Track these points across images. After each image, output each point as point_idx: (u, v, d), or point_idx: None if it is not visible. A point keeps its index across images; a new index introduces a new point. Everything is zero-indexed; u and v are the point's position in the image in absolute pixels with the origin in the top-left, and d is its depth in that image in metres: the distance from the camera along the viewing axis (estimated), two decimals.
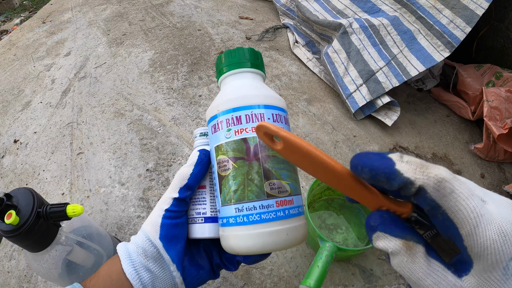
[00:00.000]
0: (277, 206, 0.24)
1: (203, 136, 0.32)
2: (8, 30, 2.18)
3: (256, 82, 0.28)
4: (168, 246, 0.26)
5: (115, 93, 0.81)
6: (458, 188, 0.15)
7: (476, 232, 0.14)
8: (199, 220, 0.28)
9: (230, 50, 0.28)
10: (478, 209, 0.14)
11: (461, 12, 0.63)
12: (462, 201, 0.14)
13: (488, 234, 0.14)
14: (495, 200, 0.16)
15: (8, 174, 0.65)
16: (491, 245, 0.14)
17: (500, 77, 0.73)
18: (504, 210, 0.15)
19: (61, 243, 0.34)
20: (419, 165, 0.15)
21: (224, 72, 0.28)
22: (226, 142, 0.25)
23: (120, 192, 0.59)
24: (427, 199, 0.15)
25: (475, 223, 0.14)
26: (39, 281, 0.48)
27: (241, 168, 0.24)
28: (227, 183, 0.25)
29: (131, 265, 0.26)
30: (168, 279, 0.26)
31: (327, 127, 0.72)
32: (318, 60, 0.89)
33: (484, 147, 0.67)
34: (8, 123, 0.78)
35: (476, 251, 0.14)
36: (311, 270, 0.36)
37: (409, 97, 0.83)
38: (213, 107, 0.26)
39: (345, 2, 0.86)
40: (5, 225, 0.30)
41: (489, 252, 0.14)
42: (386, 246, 0.17)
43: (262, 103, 0.25)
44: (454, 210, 0.15)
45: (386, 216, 0.17)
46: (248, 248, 0.24)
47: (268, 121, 0.25)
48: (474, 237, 0.14)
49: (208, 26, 1.06)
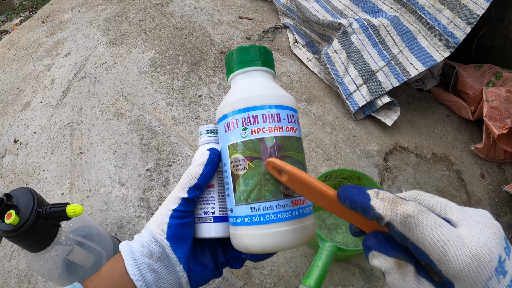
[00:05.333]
0: (292, 205, 0.24)
1: (209, 134, 0.31)
2: (8, 30, 2.18)
3: (269, 81, 0.27)
4: (175, 246, 0.26)
5: (115, 93, 0.81)
6: (423, 221, 0.16)
7: (446, 258, 0.15)
8: (208, 219, 0.28)
9: (243, 47, 0.27)
10: (446, 237, 0.16)
11: (461, 12, 0.63)
12: (427, 233, 0.16)
13: (460, 259, 0.15)
14: (472, 222, 0.17)
15: (8, 174, 0.65)
16: (465, 268, 0.15)
17: (500, 77, 0.73)
18: (480, 232, 0.16)
19: (61, 243, 0.34)
20: (391, 201, 0.17)
21: (235, 69, 0.27)
22: (242, 141, 0.24)
23: (120, 192, 0.59)
24: (396, 233, 0.17)
25: (443, 250, 0.16)
26: (39, 281, 0.48)
27: (257, 168, 0.24)
28: (242, 183, 0.24)
29: (135, 265, 0.25)
30: (173, 279, 0.26)
31: (327, 127, 0.72)
32: (318, 60, 0.89)
33: (484, 147, 0.67)
34: (8, 123, 0.78)
35: (451, 274, 0.16)
36: (311, 270, 0.36)
37: (409, 97, 0.83)
38: (226, 105, 0.26)
39: (345, 2, 0.86)
40: (5, 225, 0.30)
41: (465, 275, 0.15)
42: (381, 264, 0.18)
43: (278, 103, 0.25)
44: (421, 241, 0.16)
45: (381, 237, 0.19)
46: (263, 247, 0.24)
47: (283, 121, 0.25)
48: (446, 262, 0.16)
49: (208, 26, 1.06)
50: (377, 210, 0.17)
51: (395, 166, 0.65)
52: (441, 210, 0.18)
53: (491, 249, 0.15)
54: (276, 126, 0.24)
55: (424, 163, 0.67)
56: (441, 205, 0.18)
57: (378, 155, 0.66)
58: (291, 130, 0.25)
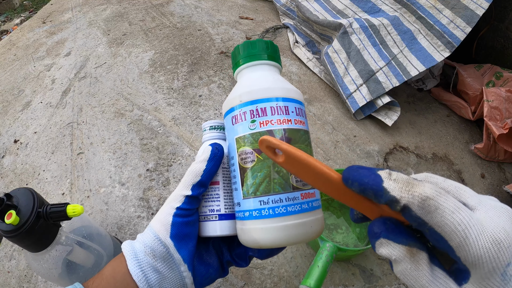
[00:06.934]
0: (302, 198, 0.23)
1: (213, 130, 0.30)
2: (8, 30, 2.18)
3: (276, 75, 0.27)
4: (179, 245, 0.25)
5: (115, 93, 0.81)
6: (443, 203, 0.15)
7: (467, 243, 0.14)
8: (213, 217, 0.27)
9: (250, 41, 0.27)
10: (466, 221, 0.15)
11: (461, 12, 0.63)
12: (448, 216, 0.15)
13: (481, 244, 0.14)
14: (488, 206, 0.16)
15: (8, 174, 0.65)
16: (485, 254, 0.14)
17: (500, 77, 0.73)
18: (497, 217, 0.15)
19: (61, 243, 0.34)
20: (406, 183, 0.16)
21: (242, 63, 0.27)
22: (251, 134, 0.24)
23: (120, 192, 0.59)
24: (413, 217, 0.15)
25: (464, 235, 0.14)
26: (39, 281, 0.48)
27: (266, 160, 0.23)
28: (250, 176, 0.24)
29: (137, 265, 0.25)
30: (177, 280, 0.26)
31: (327, 127, 0.72)
32: (318, 60, 0.89)
33: (484, 147, 0.67)
34: (8, 123, 0.78)
35: (470, 261, 0.15)
36: (311, 270, 0.36)
37: (409, 97, 0.83)
38: (233, 98, 0.25)
39: (345, 2, 0.86)
40: (5, 225, 0.30)
41: (484, 261, 0.14)
42: (390, 253, 0.17)
43: (286, 96, 0.25)
44: (440, 225, 0.15)
45: (390, 222, 0.17)
46: (273, 241, 0.23)
47: (292, 114, 0.25)
48: (466, 248, 0.14)
49: (208, 26, 1.06)
50: (392, 192, 0.15)
51: (396, 166, 0.65)
52: (456, 193, 0.16)
53: (510, 234, 0.15)
54: (284, 119, 0.24)
55: (424, 163, 0.67)
56: (456, 188, 0.17)
57: (378, 155, 0.66)
58: (299, 123, 0.25)
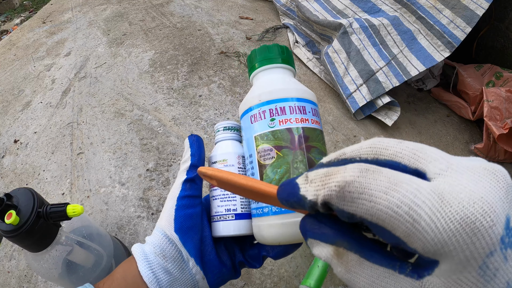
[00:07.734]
0: None
1: (227, 131, 0.31)
2: (8, 30, 2.18)
3: (291, 78, 0.29)
4: (184, 238, 0.25)
5: (115, 93, 0.81)
6: (370, 184, 0.11)
7: (418, 229, 0.10)
8: (230, 217, 0.27)
9: (267, 45, 0.29)
10: (410, 198, 0.11)
11: (461, 12, 0.63)
12: (378, 200, 0.11)
13: (441, 226, 0.10)
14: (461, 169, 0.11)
15: (8, 174, 0.65)
16: (451, 238, 0.10)
17: (500, 77, 0.73)
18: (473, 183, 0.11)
19: (61, 243, 0.34)
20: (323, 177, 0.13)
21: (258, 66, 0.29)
22: (270, 131, 0.25)
23: (120, 192, 0.59)
24: (338, 212, 0.12)
25: (410, 218, 0.10)
26: (39, 281, 0.48)
27: (286, 157, 0.24)
28: (270, 172, 0.25)
29: (148, 266, 0.24)
30: (188, 281, 0.25)
31: (327, 127, 0.72)
32: (318, 60, 0.89)
33: (484, 147, 0.67)
34: (8, 123, 0.78)
35: (432, 251, 0.11)
36: (311, 270, 0.36)
37: (409, 97, 0.83)
38: (252, 98, 0.27)
39: (345, 2, 0.86)
40: (5, 225, 0.30)
41: (452, 249, 0.10)
42: (319, 254, 0.14)
43: (302, 96, 0.26)
44: (372, 213, 0.11)
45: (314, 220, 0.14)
46: (292, 236, 0.23)
47: (308, 114, 0.26)
48: (418, 235, 0.11)
49: (208, 26, 1.06)
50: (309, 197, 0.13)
51: None
52: (411, 159, 0.12)
53: (493, 207, 0.10)
54: (302, 118, 0.25)
55: None
56: (412, 151, 0.12)
57: None
58: (315, 122, 0.26)
